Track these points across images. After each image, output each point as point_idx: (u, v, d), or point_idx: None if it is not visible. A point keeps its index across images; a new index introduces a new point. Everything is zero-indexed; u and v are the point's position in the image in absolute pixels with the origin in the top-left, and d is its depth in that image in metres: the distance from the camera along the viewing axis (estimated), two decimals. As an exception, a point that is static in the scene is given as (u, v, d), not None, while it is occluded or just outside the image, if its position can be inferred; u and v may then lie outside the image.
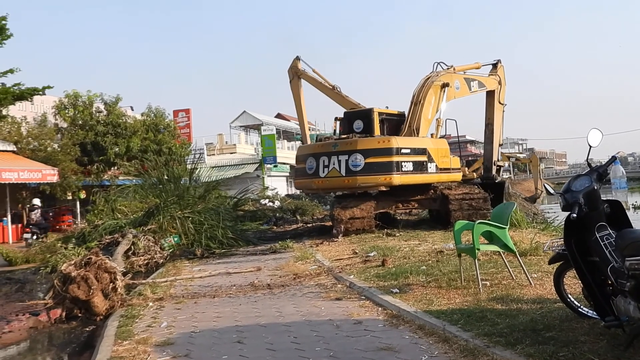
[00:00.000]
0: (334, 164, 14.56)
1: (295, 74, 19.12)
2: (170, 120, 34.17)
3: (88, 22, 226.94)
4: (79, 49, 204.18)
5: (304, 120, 19.91)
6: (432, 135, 16.15)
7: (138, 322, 6.83)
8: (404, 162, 14.32)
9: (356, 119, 15.96)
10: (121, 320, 6.99)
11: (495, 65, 19.24)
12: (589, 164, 4.91)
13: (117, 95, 29.43)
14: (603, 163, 4.90)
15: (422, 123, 15.65)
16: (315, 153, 15.27)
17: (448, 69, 17.27)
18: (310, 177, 15.17)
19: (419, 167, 14.73)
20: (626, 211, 4.70)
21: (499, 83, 19.06)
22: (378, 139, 14.75)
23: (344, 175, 14.42)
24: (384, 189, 14.70)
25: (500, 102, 19.29)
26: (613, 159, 5.02)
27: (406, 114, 16.19)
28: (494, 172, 19.02)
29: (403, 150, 14.39)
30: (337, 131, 16.65)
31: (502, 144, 20.18)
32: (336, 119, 16.89)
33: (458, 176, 16.41)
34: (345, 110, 17.16)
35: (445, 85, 16.28)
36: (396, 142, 14.42)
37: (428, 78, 16.44)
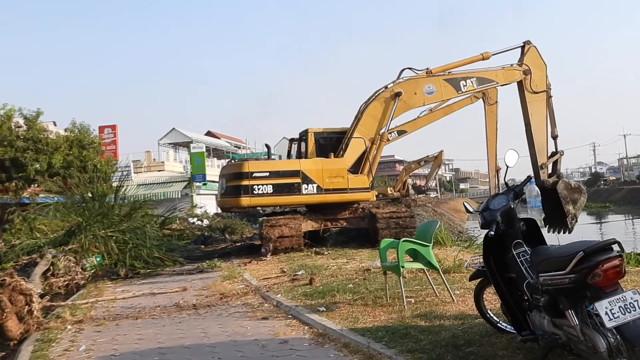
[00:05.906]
0: (222, 186, 15.80)
1: None
2: (96, 136, 33.08)
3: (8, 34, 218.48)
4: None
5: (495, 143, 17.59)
6: (365, 152, 15.54)
7: (54, 347, 6.54)
8: (259, 185, 14.61)
9: (302, 141, 16.22)
10: (36, 345, 6.67)
11: (522, 49, 16.74)
12: (506, 184, 5.09)
13: (37, 110, 28.17)
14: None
15: (351, 141, 15.43)
16: (220, 174, 16.44)
17: (420, 72, 15.96)
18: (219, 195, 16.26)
19: (288, 189, 14.75)
20: (541, 229, 4.89)
21: (524, 72, 16.51)
22: (235, 164, 16.04)
23: (219, 197, 16.02)
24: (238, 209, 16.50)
25: (534, 91, 16.54)
26: (529, 179, 5.21)
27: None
28: (542, 177, 16.40)
29: (256, 174, 14.66)
30: (291, 153, 16.79)
31: (557, 136, 16.92)
32: (290, 140, 17.04)
33: (367, 195, 15.49)
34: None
35: (397, 95, 15.40)
36: (248, 166, 14.91)
37: (384, 89, 15.75)
